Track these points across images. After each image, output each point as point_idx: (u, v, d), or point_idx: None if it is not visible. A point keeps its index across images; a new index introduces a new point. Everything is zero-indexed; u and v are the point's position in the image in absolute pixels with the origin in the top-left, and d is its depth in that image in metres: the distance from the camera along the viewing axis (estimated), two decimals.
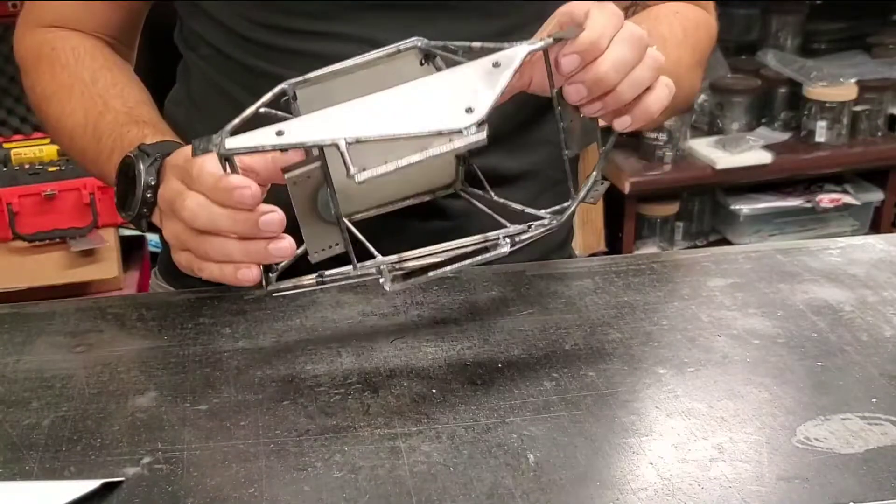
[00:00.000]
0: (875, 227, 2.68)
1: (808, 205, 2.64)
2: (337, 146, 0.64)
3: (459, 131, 0.65)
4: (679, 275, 0.92)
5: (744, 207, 2.62)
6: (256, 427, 0.69)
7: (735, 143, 2.56)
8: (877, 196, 2.67)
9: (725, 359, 0.77)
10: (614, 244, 2.55)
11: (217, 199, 0.71)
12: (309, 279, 0.74)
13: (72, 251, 2.50)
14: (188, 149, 0.74)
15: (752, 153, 2.55)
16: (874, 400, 0.72)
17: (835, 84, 2.58)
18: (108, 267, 2.55)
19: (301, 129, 0.66)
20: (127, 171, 0.84)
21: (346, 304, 0.86)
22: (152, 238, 2.48)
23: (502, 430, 0.68)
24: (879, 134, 2.66)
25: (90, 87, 0.94)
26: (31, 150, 2.56)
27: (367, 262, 0.71)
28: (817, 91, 2.57)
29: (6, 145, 2.56)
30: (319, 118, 0.66)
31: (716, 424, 0.69)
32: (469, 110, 0.65)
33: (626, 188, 2.52)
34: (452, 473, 0.64)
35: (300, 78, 0.74)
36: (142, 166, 0.81)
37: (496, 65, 0.67)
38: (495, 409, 0.71)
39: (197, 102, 1.01)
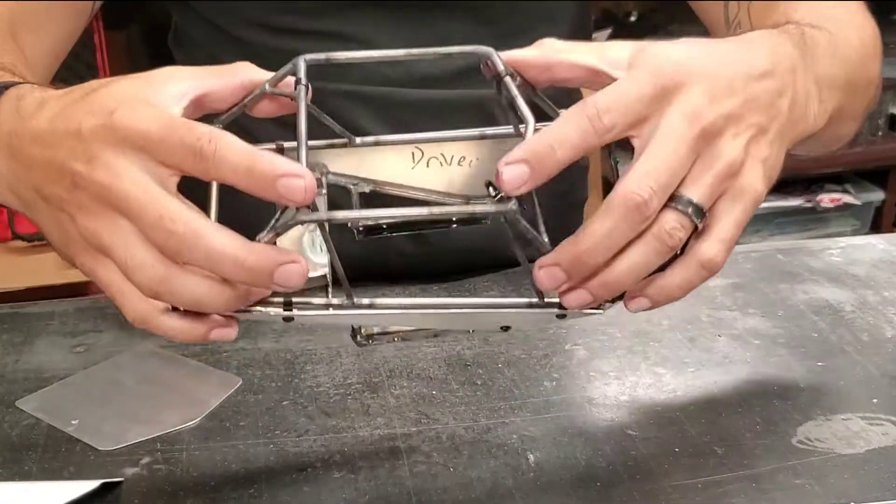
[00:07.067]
0: (876, 227, 2.68)
1: (809, 204, 2.64)
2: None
3: None
4: None
5: None
6: (256, 427, 0.69)
7: None
8: (877, 196, 2.67)
9: (726, 359, 0.77)
10: None
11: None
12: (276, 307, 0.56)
13: None
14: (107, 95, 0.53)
15: None
16: (875, 400, 0.71)
17: None
18: None
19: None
20: None
21: None
22: None
23: (502, 431, 0.68)
24: (880, 134, 2.66)
25: None
26: None
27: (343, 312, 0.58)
28: None
29: None
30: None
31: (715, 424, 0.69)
32: None
33: None
34: (452, 474, 0.64)
35: (322, 56, 0.59)
36: None
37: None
38: (495, 409, 0.71)
39: None
